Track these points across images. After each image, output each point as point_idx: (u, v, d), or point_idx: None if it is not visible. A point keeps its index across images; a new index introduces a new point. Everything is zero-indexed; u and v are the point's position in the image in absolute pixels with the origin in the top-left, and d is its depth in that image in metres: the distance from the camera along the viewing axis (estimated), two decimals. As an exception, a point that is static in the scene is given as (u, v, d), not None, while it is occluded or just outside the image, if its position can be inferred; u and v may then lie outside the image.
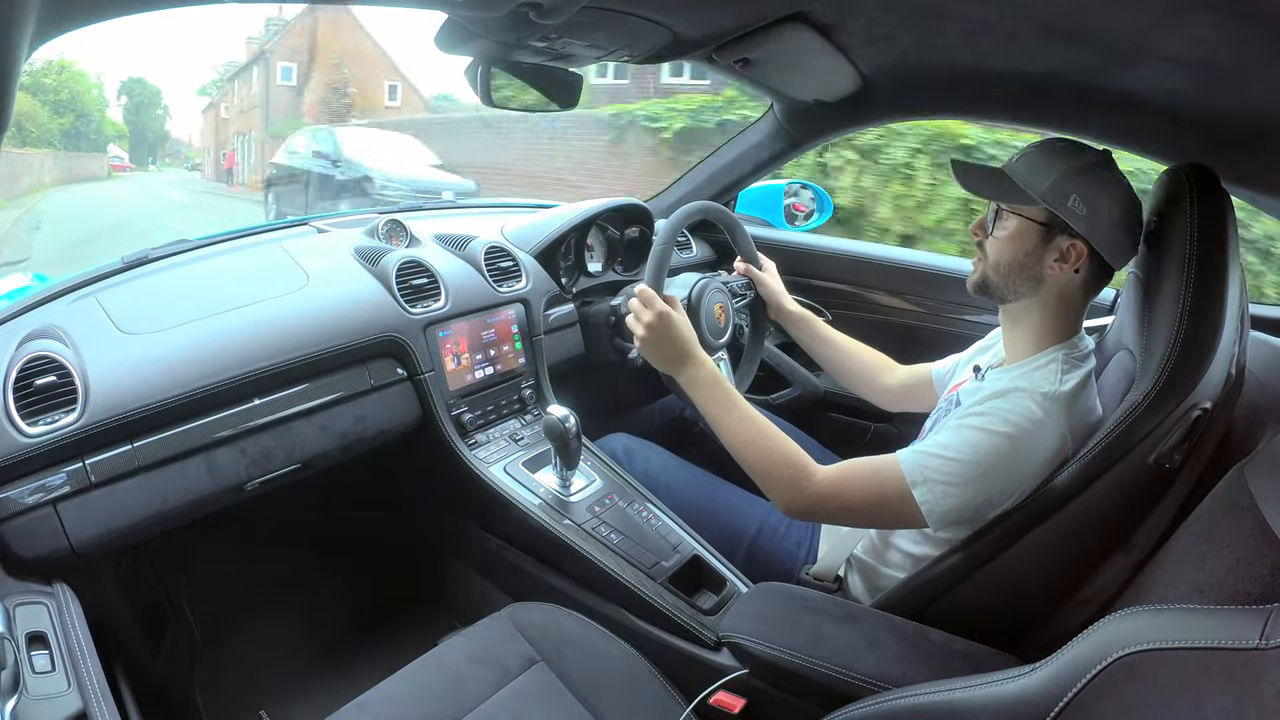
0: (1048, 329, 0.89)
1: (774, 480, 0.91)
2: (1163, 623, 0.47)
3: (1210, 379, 0.77)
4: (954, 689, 0.56)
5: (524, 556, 1.14)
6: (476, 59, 1.05)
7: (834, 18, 0.95)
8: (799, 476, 0.89)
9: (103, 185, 18.20)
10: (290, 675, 1.21)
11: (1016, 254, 0.87)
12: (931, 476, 0.84)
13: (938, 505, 0.83)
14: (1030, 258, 0.87)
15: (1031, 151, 0.87)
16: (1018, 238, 0.87)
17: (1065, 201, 0.83)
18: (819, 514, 0.92)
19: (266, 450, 0.97)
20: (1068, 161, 0.84)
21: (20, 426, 0.80)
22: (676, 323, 0.99)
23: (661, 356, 1.00)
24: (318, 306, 1.07)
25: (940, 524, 0.85)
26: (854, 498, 0.88)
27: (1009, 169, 0.88)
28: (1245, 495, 0.61)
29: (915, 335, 1.54)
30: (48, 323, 0.93)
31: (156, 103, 32.77)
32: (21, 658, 0.66)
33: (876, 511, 0.88)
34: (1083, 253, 0.85)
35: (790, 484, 0.89)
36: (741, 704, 0.87)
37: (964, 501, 0.83)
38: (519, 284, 1.31)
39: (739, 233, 1.30)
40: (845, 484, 0.88)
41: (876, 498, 0.87)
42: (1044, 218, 0.85)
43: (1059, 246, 0.85)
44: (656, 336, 0.99)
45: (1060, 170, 0.84)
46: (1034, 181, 0.85)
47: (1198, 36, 0.70)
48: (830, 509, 0.90)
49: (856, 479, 0.89)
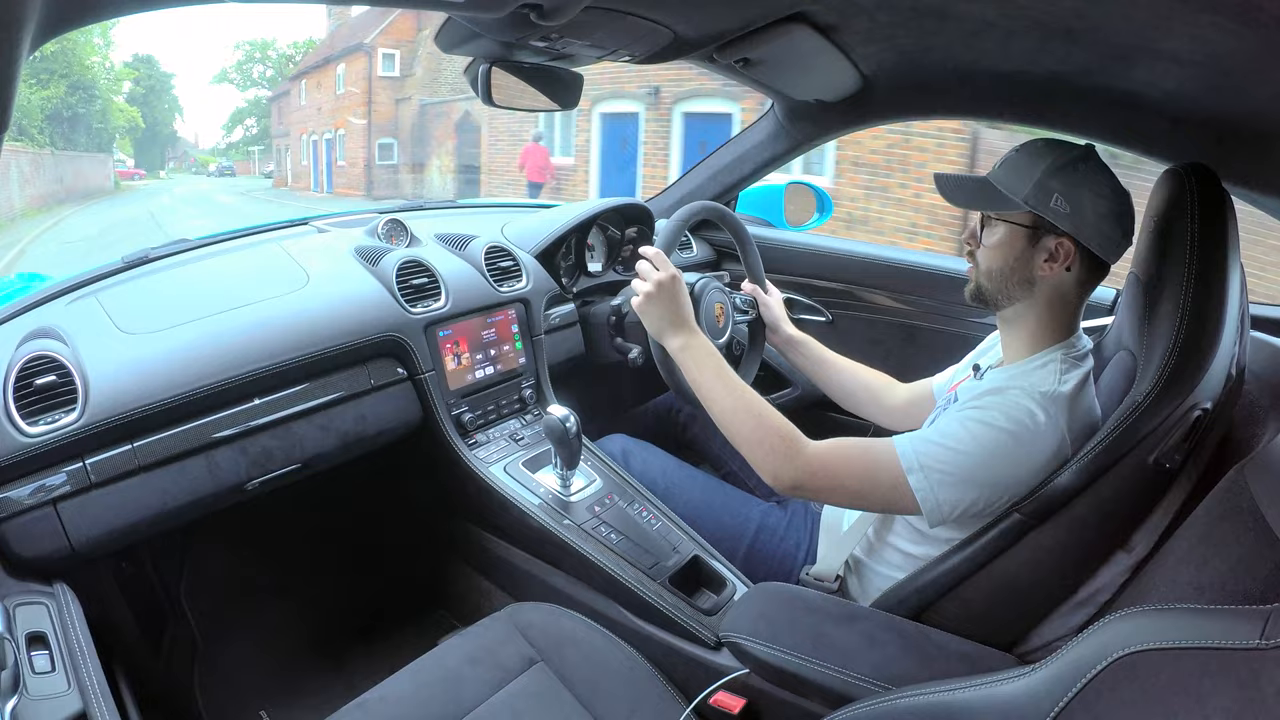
0: (1044, 330, 0.89)
1: (763, 450, 0.89)
2: (1163, 623, 0.47)
3: (1210, 379, 0.77)
4: (954, 689, 0.56)
5: (524, 556, 1.14)
6: (477, 58, 1.05)
7: (834, 18, 0.95)
8: (789, 448, 0.88)
9: (117, 203, 13.89)
10: (290, 675, 1.21)
11: (1006, 259, 0.87)
12: (928, 464, 0.83)
13: (933, 494, 0.83)
14: (1019, 261, 0.87)
15: (1012, 155, 0.87)
16: (1005, 243, 0.87)
17: (1048, 201, 0.83)
18: (807, 488, 0.90)
19: (266, 450, 0.97)
20: (1047, 160, 0.84)
21: (20, 426, 0.80)
22: (683, 288, 1.00)
23: (659, 317, 0.99)
24: (318, 306, 1.07)
25: (934, 514, 0.84)
26: (844, 474, 0.87)
27: (992, 176, 0.88)
28: (1245, 495, 0.61)
29: (915, 336, 1.54)
30: (48, 323, 0.93)
31: (168, 89, 28.24)
32: (21, 658, 0.66)
33: (866, 491, 0.87)
34: (1071, 250, 0.84)
35: (780, 454, 0.88)
36: (741, 704, 0.87)
37: (959, 493, 0.83)
38: (519, 284, 1.31)
39: (739, 233, 1.30)
40: (836, 460, 0.88)
41: (868, 478, 0.86)
42: (1029, 220, 0.85)
43: (1046, 247, 0.85)
44: (663, 296, 0.98)
45: (1041, 170, 0.83)
46: (1016, 185, 0.85)
47: (1198, 36, 0.70)
48: (819, 484, 0.88)
49: (849, 456, 0.88)
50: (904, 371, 1.23)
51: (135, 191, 17.14)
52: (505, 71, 1.06)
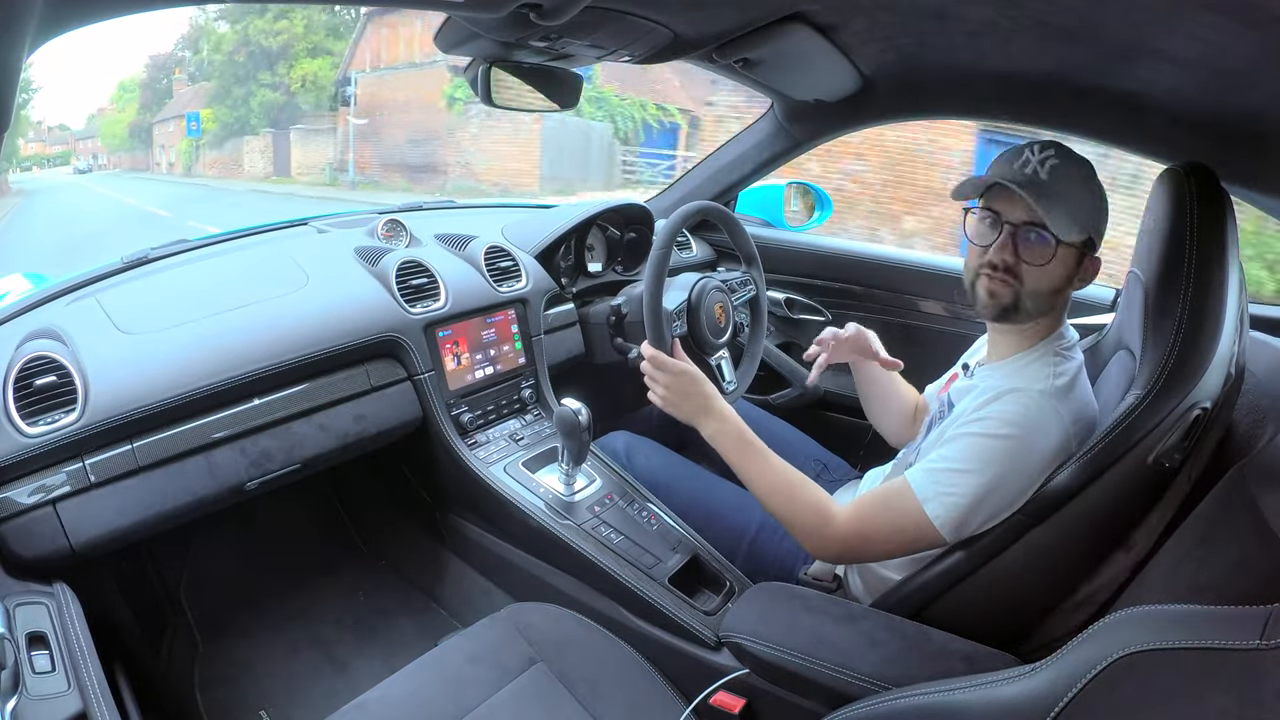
0: (1039, 328, 0.90)
1: (799, 529, 0.91)
2: (1163, 623, 0.47)
3: (1210, 379, 0.77)
4: (954, 689, 0.56)
5: (524, 556, 1.14)
6: (477, 59, 1.05)
7: (834, 18, 0.95)
8: (822, 523, 0.89)
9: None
10: (290, 675, 1.21)
11: (1058, 280, 0.85)
12: (940, 491, 0.84)
13: (948, 516, 0.83)
14: (1065, 280, 0.86)
15: (1061, 166, 0.82)
16: (1063, 264, 0.84)
17: (1100, 225, 0.84)
18: (849, 556, 0.93)
19: (266, 450, 0.97)
20: (1089, 181, 0.84)
21: (20, 426, 0.80)
22: (692, 378, 1.00)
23: (683, 413, 1.01)
24: (318, 306, 1.07)
25: (955, 535, 0.85)
26: (876, 534, 0.88)
27: (1048, 188, 0.81)
28: (1245, 495, 0.61)
29: (915, 336, 1.54)
30: (47, 323, 0.93)
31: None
32: (21, 658, 0.66)
33: (901, 541, 0.88)
34: (1099, 265, 0.86)
35: (814, 531, 0.90)
36: (741, 704, 0.87)
37: (972, 511, 0.83)
38: (519, 284, 1.31)
39: (738, 230, 1.30)
40: (865, 523, 0.88)
41: (896, 528, 0.87)
42: (1082, 242, 0.84)
43: (1085, 267, 0.86)
44: (675, 397, 1.00)
45: (1093, 191, 0.84)
46: (1077, 212, 0.82)
47: (1198, 36, 0.70)
48: (858, 550, 0.90)
49: (873, 515, 0.89)
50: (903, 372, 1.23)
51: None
52: (505, 71, 1.06)
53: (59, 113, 50.41)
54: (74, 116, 45.35)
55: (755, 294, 1.32)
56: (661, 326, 1.08)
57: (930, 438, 0.94)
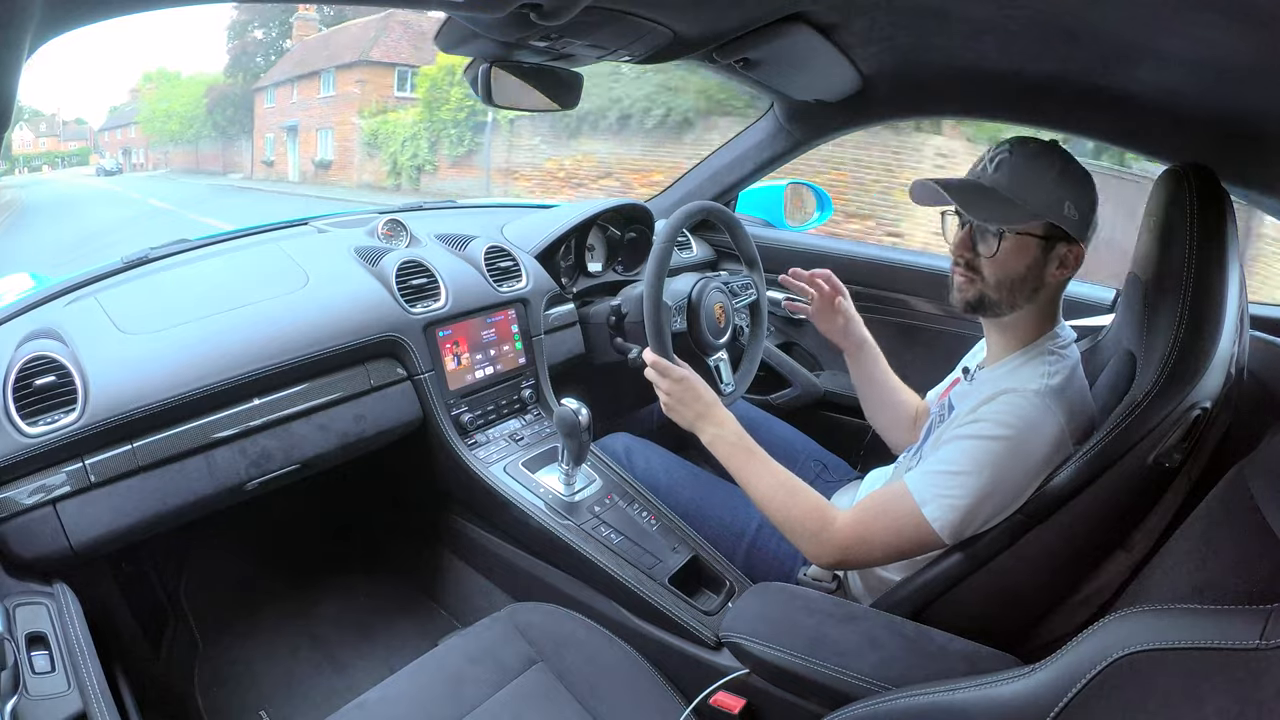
0: (1033, 326, 0.90)
1: (798, 535, 0.91)
2: (1163, 623, 0.47)
3: (1210, 378, 0.77)
4: (954, 689, 0.56)
5: (524, 556, 1.14)
6: (477, 59, 1.05)
7: (834, 17, 0.95)
8: (820, 527, 0.89)
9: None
10: (290, 675, 1.21)
11: (1018, 270, 0.86)
12: (939, 493, 0.84)
13: (947, 519, 0.83)
14: (1031, 270, 0.86)
15: (1010, 159, 0.85)
16: (1019, 254, 0.85)
17: (1061, 209, 0.82)
18: (848, 561, 0.92)
19: (266, 450, 0.97)
20: (1052, 166, 0.83)
21: (20, 426, 0.80)
22: (694, 385, 1.01)
23: (684, 418, 1.02)
24: (317, 306, 1.07)
25: (954, 537, 0.85)
26: (875, 538, 0.88)
27: (991, 182, 0.85)
28: (1245, 495, 0.61)
29: (914, 336, 1.54)
30: (47, 323, 0.93)
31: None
32: (21, 658, 0.66)
33: (900, 544, 0.87)
34: (1081, 254, 0.85)
35: (813, 536, 0.90)
36: (741, 704, 0.87)
37: (971, 513, 0.83)
38: (519, 284, 1.31)
39: (739, 233, 1.29)
40: (864, 527, 0.88)
41: (895, 531, 0.87)
42: (1043, 230, 0.84)
43: (1059, 254, 0.85)
44: (677, 402, 1.01)
45: (1050, 178, 0.83)
46: (1026, 194, 0.83)
47: (1198, 36, 0.70)
48: (858, 555, 0.90)
49: (872, 519, 0.88)
50: (902, 372, 1.23)
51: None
52: (505, 71, 1.06)
53: (76, 105, 45.67)
54: (94, 110, 41.22)
55: (756, 298, 1.32)
56: (662, 327, 1.08)
57: (929, 441, 0.94)
